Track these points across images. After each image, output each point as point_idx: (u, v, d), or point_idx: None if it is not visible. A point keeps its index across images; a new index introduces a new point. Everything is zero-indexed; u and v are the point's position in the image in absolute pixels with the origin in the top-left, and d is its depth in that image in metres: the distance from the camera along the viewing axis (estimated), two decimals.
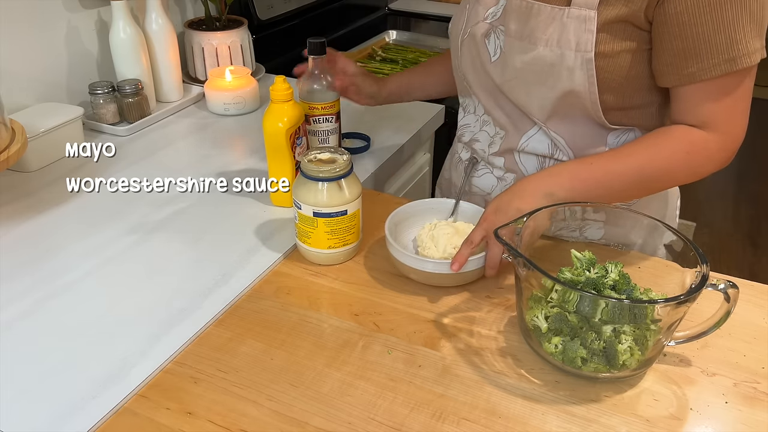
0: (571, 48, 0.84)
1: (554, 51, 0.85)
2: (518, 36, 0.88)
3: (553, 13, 0.84)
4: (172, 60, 1.39)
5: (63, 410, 0.70)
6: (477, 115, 1.03)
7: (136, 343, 0.78)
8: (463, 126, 1.07)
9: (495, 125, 1.00)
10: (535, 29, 0.86)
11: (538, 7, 0.85)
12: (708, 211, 2.88)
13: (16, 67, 1.23)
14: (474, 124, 1.04)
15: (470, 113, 1.05)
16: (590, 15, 0.82)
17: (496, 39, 0.92)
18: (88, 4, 1.33)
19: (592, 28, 0.82)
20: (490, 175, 1.03)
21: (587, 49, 0.83)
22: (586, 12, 0.82)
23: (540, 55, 0.86)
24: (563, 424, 0.69)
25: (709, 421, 0.70)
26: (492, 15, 0.92)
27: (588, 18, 0.82)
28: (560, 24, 0.84)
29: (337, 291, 0.88)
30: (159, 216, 1.02)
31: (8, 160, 0.95)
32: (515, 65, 0.89)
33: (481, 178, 1.04)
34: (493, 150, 1.01)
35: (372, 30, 2.09)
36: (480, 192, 1.05)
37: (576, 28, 0.83)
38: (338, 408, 0.70)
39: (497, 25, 0.91)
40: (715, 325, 0.73)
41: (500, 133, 1.00)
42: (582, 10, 0.82)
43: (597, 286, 0.75)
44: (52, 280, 0.89)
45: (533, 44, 0.86)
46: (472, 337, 0.80)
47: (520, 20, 0.87)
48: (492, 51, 0.93)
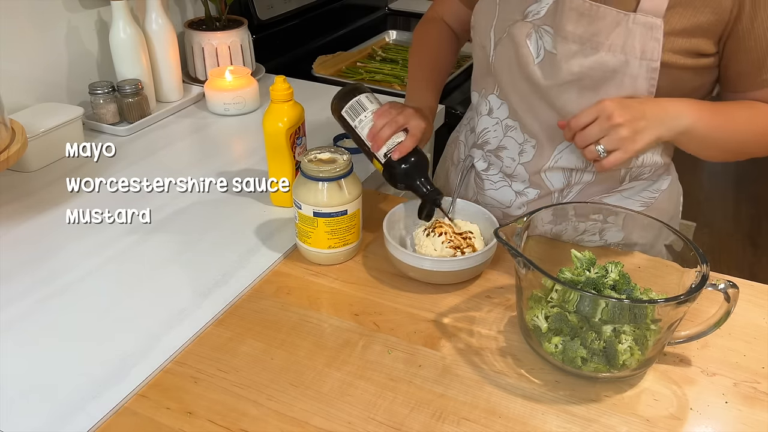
0: (636, 55, 0.82)
1: (618, 57, 0.82)
2: (577, 39, 0.84)
3: (619, 18, 0.81)
4: (172, 60, 1.39)
5: (63, 410, 0.70)
6: (496, 119, 0.98)
7: (136, 343, 0.78)
8: (484, 131, 1.00)
9: (523, 131, 0.95)
10: (598, 33, 0.82)
11: (604, 11, 0.82)
12: (708, 211, 2.87)
13: (16, 67, 1.23)
14: (494, 128, 0.99)
15: (485, 115, 0.99)
16: (657, 23, 0.80)
17: (538, 39, 0.87)
18: (88, 4, 1.33)
19: (658, 36, 0.80)
20: (509, 188, 1.00)
21: (653, 57, 0.81)
22: (653, 20, 0.80)
23: (602, 61, 0.83)
24: (563, 424, 0.69)
25: (709, 421, 0.70)
26: (533, 13, 0.88)
27: (654, 26, 0.80)
28: (625, 29, 0.81)
29: (337, 291, 0.88)
30: (159, 216, 1.02)
31: (8, 160, 0.95)
32: (571, 69, 0.85)
33: (498, 191, 1.01)
34: (524, 160, 0.96)
35: (372, 30, 2.09)
36: (497, 204, 1.02)
37: (642, 35, 0.81)
38: (338, 408, 0.70)
39: (541, 25, 0.87)
40: (715, 325, 0.73)
41: (530, 141, 0.95)
42: (648, 18, 0.80)
43: (597, 286, 0.75)
44: (52, 280, 0.89)
45: (595, 49, 0.83)
46: (472, 337, 0.80)
47: (581, 22, 0.83)
48: (535, 52, 0.88)
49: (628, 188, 0.97)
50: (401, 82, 1.71)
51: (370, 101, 0.95)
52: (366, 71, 1.78)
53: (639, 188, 0.97)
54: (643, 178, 0.97)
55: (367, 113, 0.93)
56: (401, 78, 1.73)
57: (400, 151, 0.89)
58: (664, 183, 0.99)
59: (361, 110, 0.93)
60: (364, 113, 0.93)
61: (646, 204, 0.98)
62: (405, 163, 0.90)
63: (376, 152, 0.92)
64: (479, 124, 1.01)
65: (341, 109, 0.95)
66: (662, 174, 0.99)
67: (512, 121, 0.96)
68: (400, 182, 0.91)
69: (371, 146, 0.92)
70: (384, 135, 0.90)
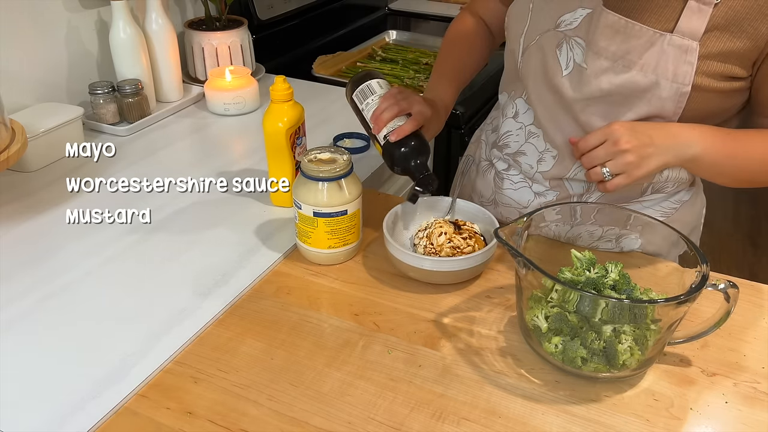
0: (668, 78, 0.80)
1: (649, 77, 0.81)
2: (609, 56, 0.82)
3: (654, 38, 0.80)
4: (172, 60, 1.39)
5: (63, 410, 0.70)
6: (521, 123, 0.97)
7: (136, 343, 0.78)
8: (506, 134, 0.99)
9: (545, 140, 0.94)
10: (632, 51, 0.81)
11: (640, 29, 0.80)
12: (708, 211, 2.87)
13: (16, 67, 1.23)
14: (517, 133, 0.97)
15: (510, 118, 0.98)
16: (693, 46, 0.79)
17: (569, 51, 0.86)
18: (88, 4, 1.33)
19: (692, 60, 0.79)
20: (528, 189, 0.99)
21: (685, 82, 0.80)
22: (689, 42, 0.79)
23: (633, 80, 0.81)
24: (563, 424, 0.69)
25: (709, 421, 0.70)
26: (566, 23, 0.86)
27: (690, 49, 0.79)
28: (659, 50, 0.80)
29: (337, 291, 0.88)
30: (159, 216, 1.02)
31: (8, 160, 0.95)
32: (601, 86, 0.83)
33: (517, 191, 1.00)
34: (542, 168, 0.96)
35: (372, 30, 2.09)
36: (515, 204, 1.01)
37: (675, 57, 0.79)
38: (338, 408, 0.70)
39: (572, 36, 0.85)
40: (715, 325, 0.73)
41: (551, 151, 0.94)
42: (685, 40, 0.79)
43: (597, 286, 0.75)
44: (52, 280, 0.89)
45: (627, 67, 0.81)
46: (472, 337, 0.80)
47: (615, 39, 0.81)
48: (564, 64, 0.86)
49: (649, 198, 0.96)
50: (401, 82, 1.71)
51: (380, 86, 0.95)
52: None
53: (660, 199, 0.96)
54: (665, 192, 0.96)
55: (374, 97, 0.93)
56: (401, 78, 1.73)
57: (397, 134, 0.88)
58: (687, 194, 0.98)
59: (369, 94, 0.94)
60: (372, 96, 0.94)
61: (667, 215, 0.96)
62: (403, 146, 0.89)
63: (376, 134, 0.92)
64: (503, 125, 1.00)
65: (353, 93, 0.96)
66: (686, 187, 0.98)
67: (536, 129, 0.95)
68: (396, 165, 0.91)
69: (372, 128, 0.92)
70: (385, 117, 0.90)
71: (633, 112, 0.84)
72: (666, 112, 0.83)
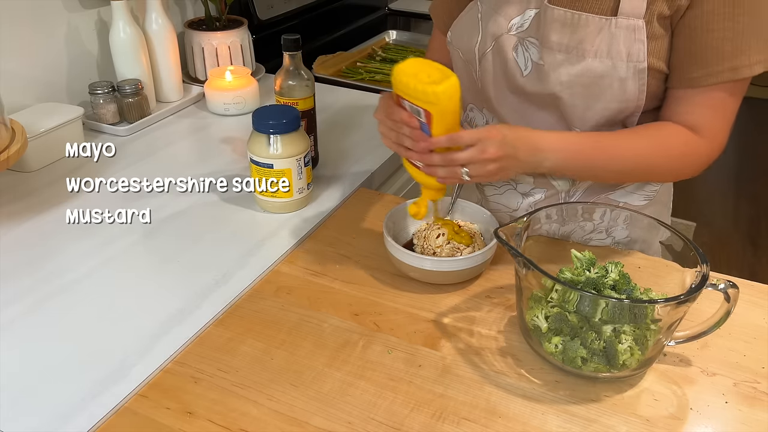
0: (623, 59, 0.82)
1: (604, 62, 0.83)
2: (562, 48, 0.84)
3: (601, 24, 0.82)
4: (172, 60, 1.39)
5: (63, 410, 0.70)
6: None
7: (136, 343, 0.78)
8: None
9: None
10: (583, 40, 0.83)
11: (585, 18, 0.82)
12: (708, 211, 2.87)
13: (16, 67, 1.23)
14: None
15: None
16: (638, 24, 0.81)
17: (525, 51, 0.88)
18: (88, 4, 1.33)
19: (642, 37, 0.81)
20: (515, 192, 1.00)
21: (640, 59, 0.82)
22: (634, 21, 0.81)
23: (589, 67, 0.83)
24: (563, 424, 0.69)
25: (709, 421, 0.70)
26: (517, 26, 0.88)
27: (637, 27, 0.81)
28: (608, 34, 0.82)
29: (337, 291, 0.88)
30: (159, 216, 1.02)
31: (8, 160, 0.95)
32: (560, 79, 0.85)
33: (503, 195, 1.01)
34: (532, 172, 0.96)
35: (372, 30, 2.09)
36: (505, 209, 1.02)
37: (626, 38, 0.81)
38: (338, 408, 0.70)
39: (525, 37, 0.88)
40: (715, 325, 0.73)
41: None
42: (630, 20, 0.81)
43: (597, 286, 0.75)
44: (52, 280, 0.89)
45: (581, 56, 0.83)
46: (472, 337, 0.80)
47: (564, 32, 0.84)
48: (522, 65, 0.89)
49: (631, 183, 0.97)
50: None
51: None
52: (366, 71, 1.78)
53: (641, 183, 0.98)
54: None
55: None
56: None
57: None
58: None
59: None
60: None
61: (649, 198, 0.98)
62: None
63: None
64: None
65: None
66: None
67: None
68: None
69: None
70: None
71: (602, 102, 0.85)
72: (631, 96, 0.84)
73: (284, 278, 0.90)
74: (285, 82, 1.07)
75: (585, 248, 0.79)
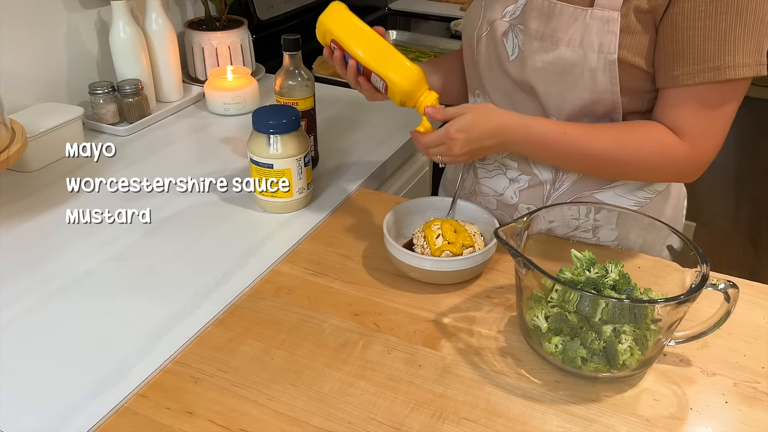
0: (594, 49, 0.83)
1: (576, 52, 0.84)
2: (539, 36, 0.86)
3: (576, 14, 0.83)
4: (172, 60, 1.39)
5: (63, 410, 0.70)
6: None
7: (136, 343, 0.78)
8: None
9: None
10: (557, 29, 0.85)
11: (561, 7, 0.84)
12: (708, 211, 2.87)
13: (16, 67, 1.23)
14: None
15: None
16: (613, 16, 0.81)
17: (514, 38, 0.91)
18: (88, 4, 1.33)
19: (615, 29, 0.82)
20: (503, 176, 1.01)
21: (610, 50, 0.82)
22: (609, 13, 0.81)
23: (561, 56, 0.85)
24: (563, 424, 0.69)
25: (709, 421, 0.70)
26: (510, 13, 0.91)
27: (611, 19, 0.81)
28: (583, 24, 0.83)
29: (337, 291, 0.88)
30: (159, 216, 1.02)
31: (8, 160, 0.95)
32: (535, 65, 0.87)
33: (492, 179, 1.02)
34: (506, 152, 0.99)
35: None
36: (492, 193, 1.03)
37: (599, 29, 0.82)
38: (338, 408, 0.70)
39: (516, 24, 0.90)
40: (715, 325, 0.73)
41: None
42: (605, 12, 0.82)
43: (597, 286, 0.75)
44: (52, 280, 0.89)
45: (554, 44, 0.85)
46: (472, 337, 0.80)
47: (541, 20, 0.86)
48: (510, 50, 0.91)
49: (621, 185, 0.97)
50: None
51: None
52: None
53: (632, 186, 0.97)
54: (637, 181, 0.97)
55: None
56: None
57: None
58: (662, 185, 0.99)
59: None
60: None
61: (641, 204, 0.97)
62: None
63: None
64: None
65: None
66: None
67: None
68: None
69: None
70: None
71: (567, 87, 0.87)
72: (602, 87, 0.85)
73: (284, 278, 0.90)
74: (285, 82, 1.07)
75: (585, 248, 0.79)
